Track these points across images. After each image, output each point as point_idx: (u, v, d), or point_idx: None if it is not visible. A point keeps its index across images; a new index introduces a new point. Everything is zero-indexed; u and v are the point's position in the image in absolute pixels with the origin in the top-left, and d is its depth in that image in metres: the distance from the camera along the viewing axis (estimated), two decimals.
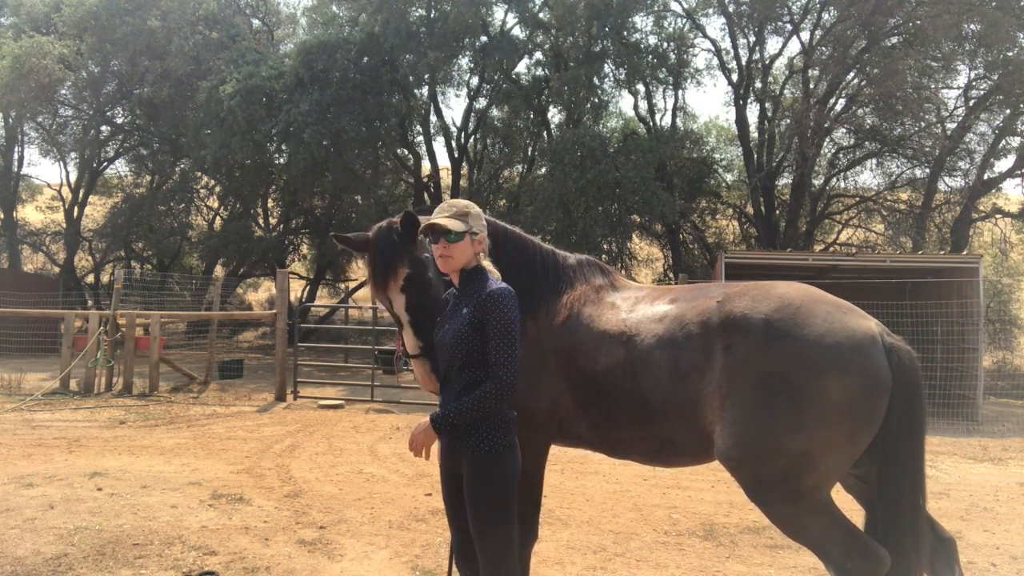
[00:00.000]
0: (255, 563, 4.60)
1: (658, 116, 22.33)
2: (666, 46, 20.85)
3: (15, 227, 24.97)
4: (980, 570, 4.80)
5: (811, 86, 19.26)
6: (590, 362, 3.31)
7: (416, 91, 20.85)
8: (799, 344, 2.91)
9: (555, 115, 22.12)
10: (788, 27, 20.15)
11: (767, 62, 21.10)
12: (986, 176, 19.29)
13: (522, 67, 21.63)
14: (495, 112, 22.87)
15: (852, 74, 18.84)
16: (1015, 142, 18.87)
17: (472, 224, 2.95)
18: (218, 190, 24.68)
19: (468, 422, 2.82)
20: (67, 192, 25.63)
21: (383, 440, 8.95)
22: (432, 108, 22.28)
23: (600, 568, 4.72)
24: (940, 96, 19.09)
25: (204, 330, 15.65)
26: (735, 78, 21.17)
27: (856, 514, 3.15)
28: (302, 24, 24.34)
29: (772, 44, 32.84)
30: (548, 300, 3.49)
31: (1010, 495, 6.88)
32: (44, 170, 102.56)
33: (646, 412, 3.20)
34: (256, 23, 24.02)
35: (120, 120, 24.50)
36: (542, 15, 20.66)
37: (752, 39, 20.77)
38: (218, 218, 26.24)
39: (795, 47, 26.91)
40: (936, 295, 12.89)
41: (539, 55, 21.29)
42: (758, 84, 20.98)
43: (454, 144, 22.88)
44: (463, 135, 23.00)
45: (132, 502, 5.77)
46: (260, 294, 30.61)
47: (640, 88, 21.51)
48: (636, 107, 22.31)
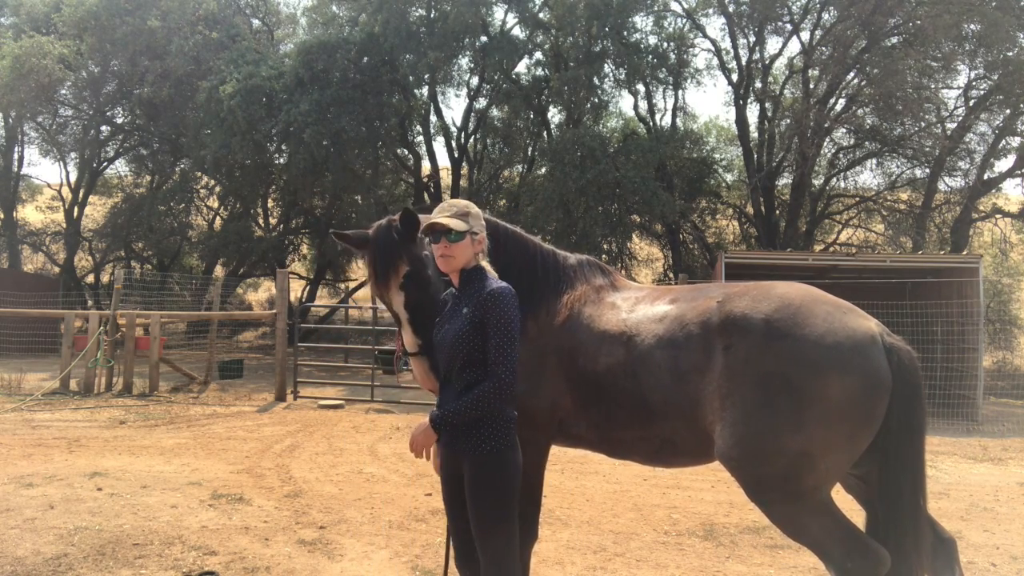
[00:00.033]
0: (255, 563, 4.60)
1: (658, 116, 22.39)
2: (666, 46, 20.87)
3: (15, 227, 24.96)
4: (980, 570, 4.80)
5: (811, 86, 19.26)
6: (590, 362, 3.31)
7: (416, 91, 20.85)
8: (799, 344, 2.91)
9: (555, 115, 22.16)
10: (788, 27, 20.17)
11: (767, 62, 21.11)
12: (986, 176, 19.30)
13: (522, 67, 21.70)
14: (495, 112, 22.88)
15: (852, 74, 18.84)
16: (1015, 142, 18.87)
17: (472, 224, 2.95)
18: (218, 190, 24.67)
19: (469, 422, 2.82)
20: (67, 192, 25.63)
21: (383, 440, 8.95)
22: (432, 108, 22.29)
23: (600, 568, 4.72)
24: (940, 96, 19.11)
25: (204, 330, 15.66)
26: (735, 78, 21.18)
27: (856, 514, 3.15)
28: (302, 24, 24.37)
29: (772, 44, 32.93)
30: (549, 300, 3.49)
31: (1010, 495, 6.88)
32: (44, 170, 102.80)
33: (646, 412, 3.20)
34: (256, 23, 24.03)
35: (120, 120, 24.51)
36: (542, 15, 20.66)
37: (752, 39, 20.78)
38: (218, 218, 26.23)
39: (795, 47, 26.96)
40: (936, 295, 12.89)
41: (539, 55, 21.32)
42: (758, 84, 20.98)
43: (454, 144, 22.89)
44: (463, 135, 23.01)
45: (132, 502, 5.77)
46: (260, 294, 30.61)
47: (640, 88, 21.54)
48: (636, 107, 22.36)
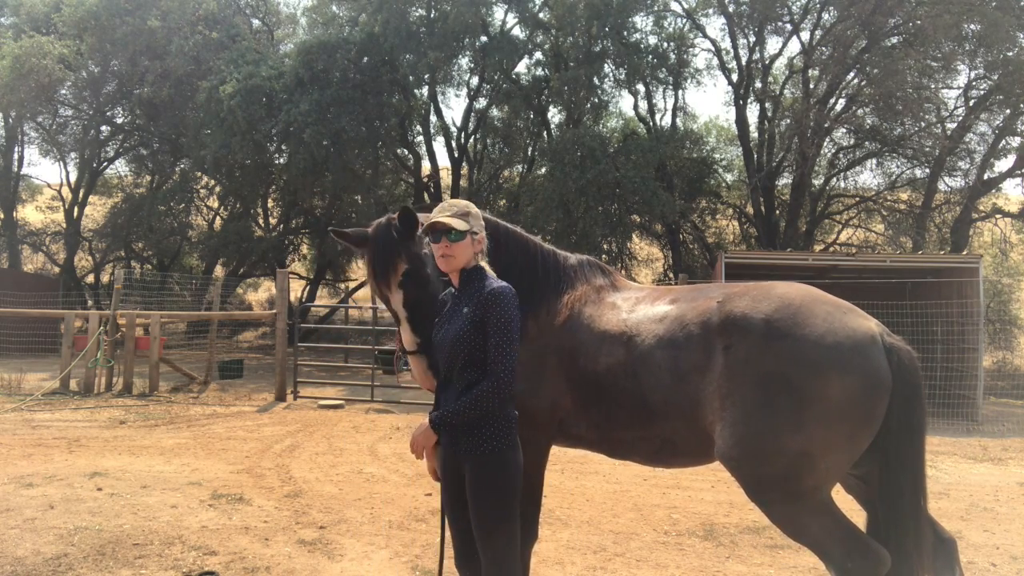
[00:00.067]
0: (255, 563, 4.60)
1: (658, 116, 22.40)
2: (666, 46, 20.87)
3: (15, 227, 24.96)
4: (980, 570, 4.80)
5: (811, 86, 19.26)
6: (591, 362, 3.31)
7: (416, 91, 20.86)
8: (799, 344, 2.91)
9: (555, 115, 22.16)
10: (788, 27, 20.17)
11: (767, 62, 21.12)
12: (986, 176, 19.29)
13: (522, 67, 21.70)
14: (495, 112, 22.88)
15: (852, 74, 18.84)
16: (1015, 142, 18.87)
17: (473, 224, 2.96)
18: (218, 190, 24.67)
19: (470, 422, 2.82)
20: (67, 192, 25.63)
21: (383, 440, 8.94)
22: (432, 108, 22.29)
23: (600, 568, 4.72)
24: (940, 96, 19.11)
25: (204, 330, 15.66)
26: (735, 78, 21.18)
27: (857, 514, 3.15)
28: (302, 24, 24.37)
29: (772, 44, 32.98)
30: (549, 300, 3.49)
31: (1010, 495, 6.88)
32: (44, 170, 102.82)
33: (646, 412, 3.20)
34: (256, 23, 24.03)
35: (120, 120, 24.51)
36: (542, 15, 20.66)
37: (752, 39, 20.78)
38: (218, 218, 26.23)
39: (795, 47, 26.96)
40: (936, 295, 12.89)
41: (539, 55, 21.32)
42: (758, 84, 20.98)
43: (454, 144, 22.89)
44: (463, 135, 23.01)
45: (132, 502, 5.77)
46: (260, 294, 30.60)
47: (640, 88, 21.54)
48: (636, 107, 22.37)
